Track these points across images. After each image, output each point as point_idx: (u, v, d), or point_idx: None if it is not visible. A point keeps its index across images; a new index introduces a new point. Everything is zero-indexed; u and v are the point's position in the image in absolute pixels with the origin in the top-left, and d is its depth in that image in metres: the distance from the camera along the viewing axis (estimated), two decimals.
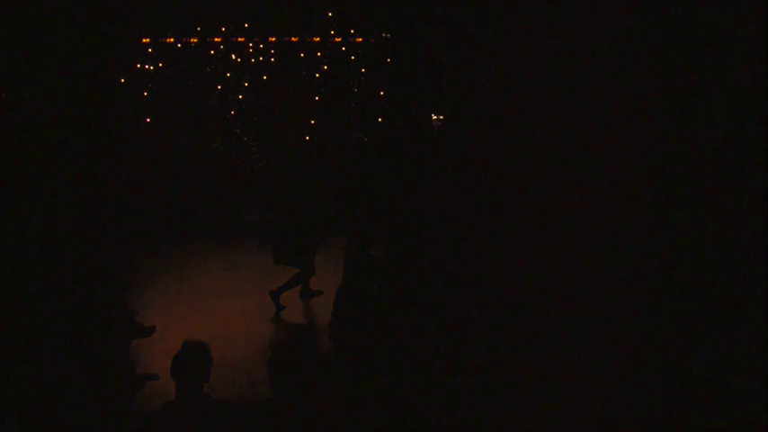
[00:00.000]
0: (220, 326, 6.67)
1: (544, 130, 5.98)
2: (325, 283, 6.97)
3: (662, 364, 5.61)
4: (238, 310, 6.88)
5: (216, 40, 7.48)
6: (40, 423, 5.47)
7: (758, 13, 5.12)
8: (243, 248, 7.44)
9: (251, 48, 7.10)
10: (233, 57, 7.15)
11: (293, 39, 7.40)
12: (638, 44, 5.80)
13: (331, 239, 6.96)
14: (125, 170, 6.83)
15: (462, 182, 6.34)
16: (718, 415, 5.42)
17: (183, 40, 7.21)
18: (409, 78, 6.61)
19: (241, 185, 8.02)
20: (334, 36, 7.07)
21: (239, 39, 7.36)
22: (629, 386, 5.63)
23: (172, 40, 7.11)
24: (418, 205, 6.45)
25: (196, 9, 7.34)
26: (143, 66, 7.04)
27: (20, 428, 5.31)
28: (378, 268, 6.06)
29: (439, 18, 6.47)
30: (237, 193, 7.95)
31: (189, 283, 7.09)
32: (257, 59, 7.20)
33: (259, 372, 6.32)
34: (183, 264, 7.32)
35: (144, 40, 7.23)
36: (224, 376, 6.09)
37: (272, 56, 7.19)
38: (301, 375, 6.34)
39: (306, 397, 6.07)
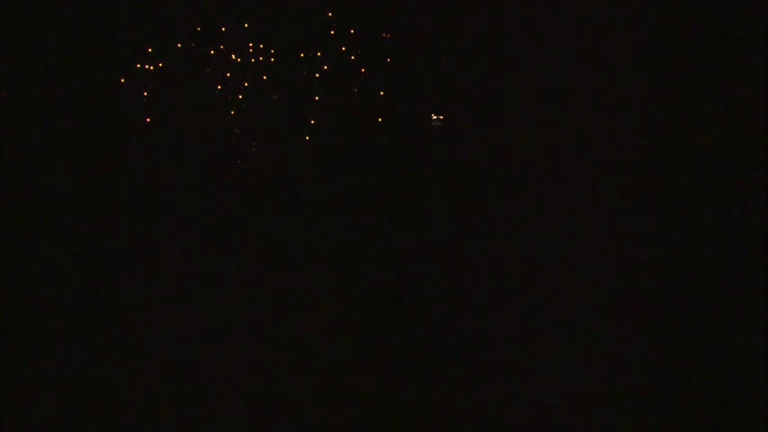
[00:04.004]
0: (220, 325, 6.67)
1: (544, 129, 5.98)
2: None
3: (660, 364, 5.61)
4: (240, 308, 6.88)
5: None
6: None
7: (758, 13, 5.13)
8: (243, 247, 7.44)
9: (251, 48, 7.10)
10: (233, 57, 7.15)
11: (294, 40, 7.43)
12: (640, 44, 5.80)
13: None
14: (125, 170, 6.82)
15: (462, 182, 6.33)
16: (718, 415, 5.42)
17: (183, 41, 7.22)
18: (409, 78, 6.60)
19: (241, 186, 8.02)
20: (334, 36, 7.07)
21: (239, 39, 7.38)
22: (627, 386, 5.63)
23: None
24: (416, 204, 6.44)
25: (196, 10, 7.33)
26: (143, 66, 7.04)
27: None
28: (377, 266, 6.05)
29: (439, 18, 6.46)
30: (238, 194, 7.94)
31: (189, 282, 7.08)
32: (257, 59, 7.20)
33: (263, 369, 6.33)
34: (184, 261, 7.31)
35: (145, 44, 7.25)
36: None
37: (272, 56, 7.20)
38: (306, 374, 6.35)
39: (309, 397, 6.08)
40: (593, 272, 5.95)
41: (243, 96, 7.21)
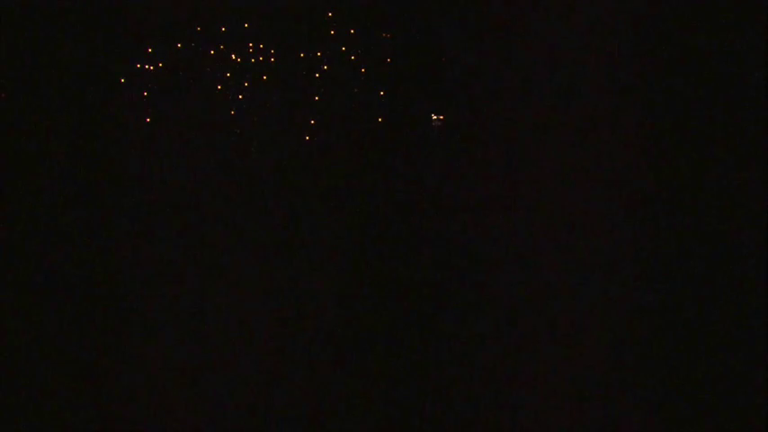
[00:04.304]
0: (220, 324, 6.68)
1: (544, 129, 5.98)
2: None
3: (658, 364, 5.61)
4: (239, 307, 6.88)
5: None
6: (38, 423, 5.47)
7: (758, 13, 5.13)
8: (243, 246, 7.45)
9: (251, 48, 7.11)
10: (233, 57, 7.15)
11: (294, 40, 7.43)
12: (640, 44, 5.81)
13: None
14: (125, 170, 6.82)
15: (461, 181, 6.34)
16: (717, 415, 5.43)
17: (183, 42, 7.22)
18: (409, 78, 6.61)
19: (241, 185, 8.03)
20: (334, 36, 7.07)
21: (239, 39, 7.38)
22: (625, 387, 5.63)
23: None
24: (416, 204, 6.44)
25: (196, 10, 7.33)
26: (143, 66, 7.04)
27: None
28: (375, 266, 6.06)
29: (439, 18, 6.46)
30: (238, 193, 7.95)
31: (189, 281, 7.09)
32: (257, 59, 7.20)
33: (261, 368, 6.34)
34: (184, 261, 7.31)
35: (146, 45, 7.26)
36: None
37: (272, 56, 7.20)
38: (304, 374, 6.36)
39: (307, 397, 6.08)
40: (592, 271, 5.96)
41: (243, 96, 7.21)
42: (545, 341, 6.01)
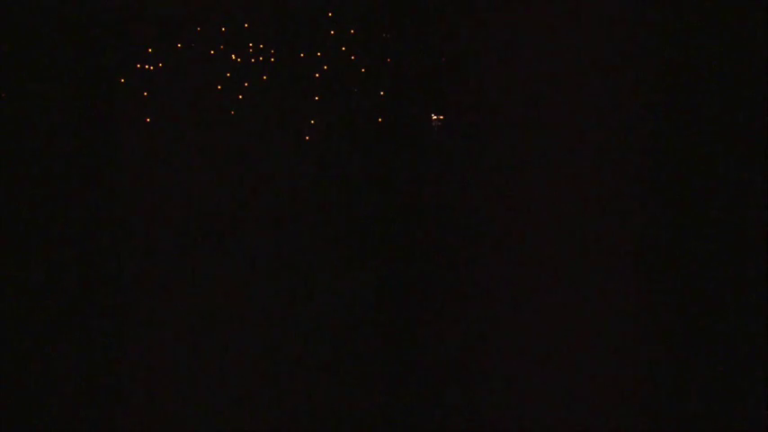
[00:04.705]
0: (219, 324, 6.69)
1: (544, 129, 5.98)
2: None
3: (658, 363, 5.61)
4: (239, 306, 6.89)
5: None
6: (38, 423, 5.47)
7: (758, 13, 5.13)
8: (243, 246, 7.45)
9: (251, 48, 7.11)
10: (233, 57, 7.16)
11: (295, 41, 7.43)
12: (640, 43, 5.81)
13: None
14: (125, 170, 6.83)
15: (461, 181, 6.34)
16: (716, 414, 5.42)
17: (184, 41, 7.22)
18: (409, 78, 6.61)
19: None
20: (334, 36, 7.07)
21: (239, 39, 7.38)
22: (625, 385, 5.63)
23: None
24: (416, 204, 6.44)
25: (196, 10, 7.33)
26: (143, 66, 7.05)
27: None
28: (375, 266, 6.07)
29: (439, 18, 6.46)
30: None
31: (188, 281, 7.09)
32: (257, 59, 7.20)
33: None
34: (184, 262, 7.32)
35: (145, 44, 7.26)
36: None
37: (272, 56, 7.20)
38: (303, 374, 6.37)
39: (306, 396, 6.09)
40: (592, 271, 5.96)
41: (243, 96, 7.21)
42: (545, 341, 6.01)
